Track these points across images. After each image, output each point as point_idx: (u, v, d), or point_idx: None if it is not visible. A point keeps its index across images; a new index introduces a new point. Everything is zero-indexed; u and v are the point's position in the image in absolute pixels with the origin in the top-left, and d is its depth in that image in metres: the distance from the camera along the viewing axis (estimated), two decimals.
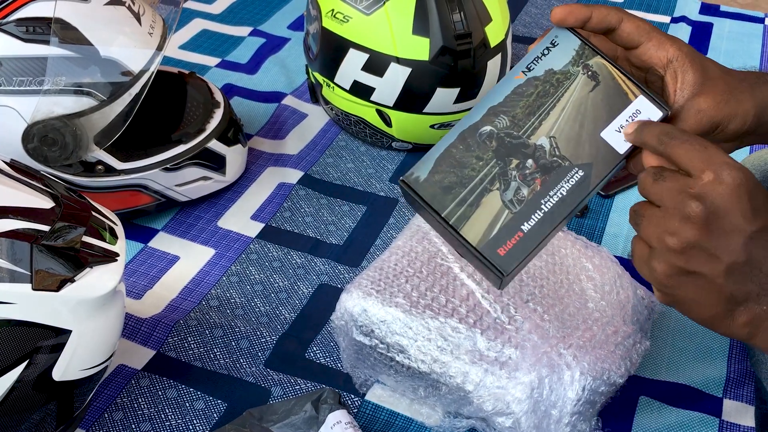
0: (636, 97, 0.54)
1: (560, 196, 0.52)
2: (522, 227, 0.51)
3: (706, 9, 1.56)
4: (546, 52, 0.55)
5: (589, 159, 0.52)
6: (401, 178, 0.53)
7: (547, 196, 0.52)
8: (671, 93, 0.55)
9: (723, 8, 1.57)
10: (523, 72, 0.54)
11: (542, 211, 0.51)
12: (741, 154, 1.08)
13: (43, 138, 0.86)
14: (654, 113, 0.54)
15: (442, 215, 0.51)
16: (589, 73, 0.54)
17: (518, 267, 0.52)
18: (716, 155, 0.48)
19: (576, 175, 0.52)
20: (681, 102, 0.55)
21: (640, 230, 0.51)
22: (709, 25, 1.51)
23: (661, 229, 0.49)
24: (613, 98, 0.54)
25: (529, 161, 0.52)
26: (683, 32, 1.47)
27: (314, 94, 1.21)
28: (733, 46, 1.44)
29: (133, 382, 0.81)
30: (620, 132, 0.53)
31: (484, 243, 0.51)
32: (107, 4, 0.89)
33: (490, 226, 0.51)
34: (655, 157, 0.51)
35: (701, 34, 1.48)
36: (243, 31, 1.45)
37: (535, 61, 0.54)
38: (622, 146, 0.53)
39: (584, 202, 0.53)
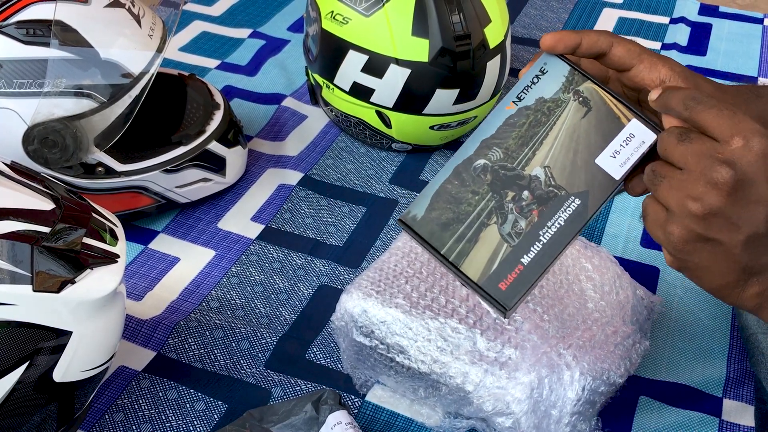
0: (629, 120, 0.53)
1: (558, 226, 0.51)
2: (522, 260, 0.51)
3: (705, 10, 1.56)
4: (536, 80, 0.54)
5: (585, 187, 0.52)
6: (399, 217, 0.53)
7: (545, 227, 0.51)
8: None
9: (722, 9, 1.57)
10: (513, 102, 0.54)
11: (541, 242, 0.51)
12: None
13: (43, 140, 0.86)
14: (648, 136, 0.53)
15: (442, 252, 0.51)
16: (581, 99, 0.54)
17: (521, 300, 0.51)
18: (745, 121, 0.46)
19: (573, 204, 0.52)
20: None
21: (659, 192, 0.49)
22: (708, 26, 1.51)
23: (684, 193, 0.47)
24: (606, 123, 0.53)
25: (525, 193, 0.52)
26: (682, 33, 1.47)
27: (314, 95, 1.21)
28: (732, 47, 1.44)
29: (133, 383, 0.82)
30: (615, 157, 0.52)
31: (485, 278, 0.51)
32: (107, 6, 0.89)
33: (490, 261, 0.51)
34: (678, 121, 0.49)
35: (700, 35, 1.48)
36: (243, 33, 1.45)
37: (525, 90, 0.54)
38: (617, 171, 0.52)
39: (582, 230, 0.52)
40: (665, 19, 1.53)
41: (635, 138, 0.53)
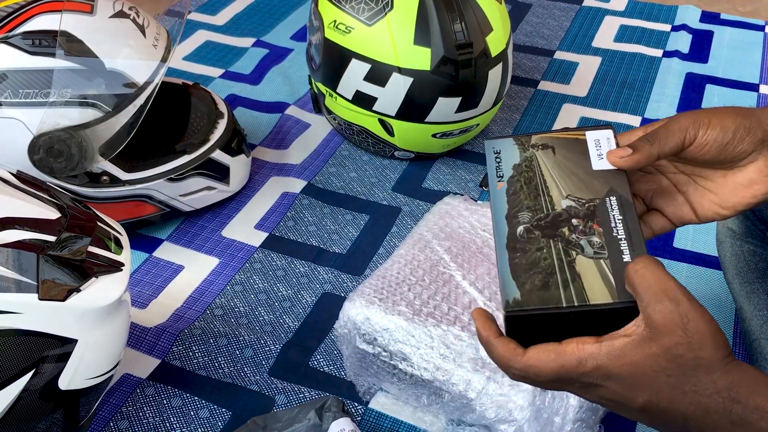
0: (584, 135, 0.59)
1: (620, 220, 0.54)
2: (625, 259, 0.52)
3: (706, 17, 1.57)
4: (498, 159, 0.59)
5: (606, 187, 0.56)
6: (506, 314, 0.51)
7: (613, 228, 0.53)
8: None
9: (723, 16, 1.57)
10: (498, 181, 0.58)
11: (622, 238, 0.53)
12: None
13: (49, 149, 0.87)
14: (606, 133, 0.59)
15: (565, 306, 0.50)
16: (540, 146, 0.59)
17: None
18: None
19: (612, 202, 0.55)
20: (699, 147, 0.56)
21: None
22: (710, 33, 1.51)
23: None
24: (573, 146, 0.58)
25: (574, 220, 0.54)
26: (684, 40, 1.48)
27: (317, 104, 1.22)
28: (733, 54, 1.45)
29: (138, 391, 0.82)
30: (603, 158, 0.57)
31: (616, 294, 0.50)
32: (112, 16, 0.90)
33: (605, 279, 0.51)
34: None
35: (702, 42, 1.48)
36: (246, 42, 1.46)
37: (498, 169, 0.59)
38: (615, 164, 0.57)
39: (637, 215, 0.55)
40: (667, 27, 1.53)
41: (601, 139, 0.59)
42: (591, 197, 0.55)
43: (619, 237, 0.53)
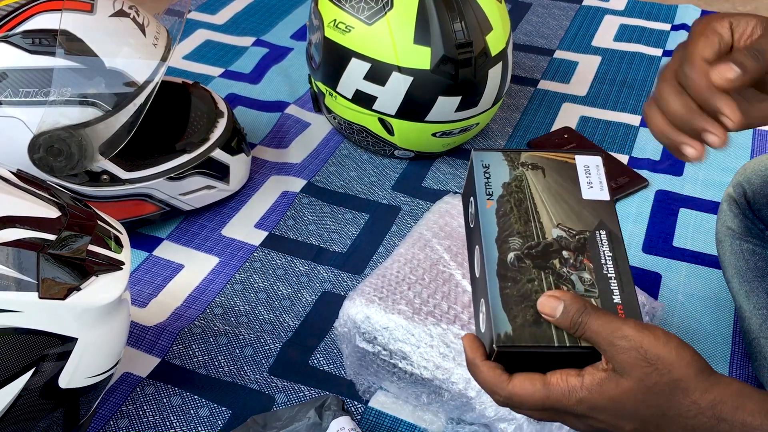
0: (574, 159, 0.58)
1: (610, 256, 0.54)
2: (615, 301, 0.52)
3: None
4: (488, 174, 0.58)
5: (596, 219, 0.55)
6: (497, 349, 0.51)
7: (604, 266, 0.53)
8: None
9: None
10: (488, 199, 0.57)
11: (613, 277, 0.53)
12: (741, 160, 1.08)
13: (49, 148, 0.87)
14: (595, 159, 0.58)
15: (556, 346, 0.50)
16: (530, 166, 0.58)
17: None
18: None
19: (602, 236, 0.54)
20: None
21: None
22: None
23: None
24: (563, 170, 0.58)
25: (564, 252, 0.54)
26: (684, 40, 1.47)
27: (317, 103, 1.22)
28: None
29: (138, 389, 0.82)
30: (592, 187, 0.57)
31: None
32: (112, 15, 0.90)
33: None
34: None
35: None
36: (246, 41, 1.46)
37: (487, 186, 0.57)
38: (604, 195, 0.57)
39: (625, 251, 0.55)
40: (666, 26, 1.53)
41: (590, 166, 0.58)
42: (581, 229, 0.55)
43: (609, 275, 0.53)
